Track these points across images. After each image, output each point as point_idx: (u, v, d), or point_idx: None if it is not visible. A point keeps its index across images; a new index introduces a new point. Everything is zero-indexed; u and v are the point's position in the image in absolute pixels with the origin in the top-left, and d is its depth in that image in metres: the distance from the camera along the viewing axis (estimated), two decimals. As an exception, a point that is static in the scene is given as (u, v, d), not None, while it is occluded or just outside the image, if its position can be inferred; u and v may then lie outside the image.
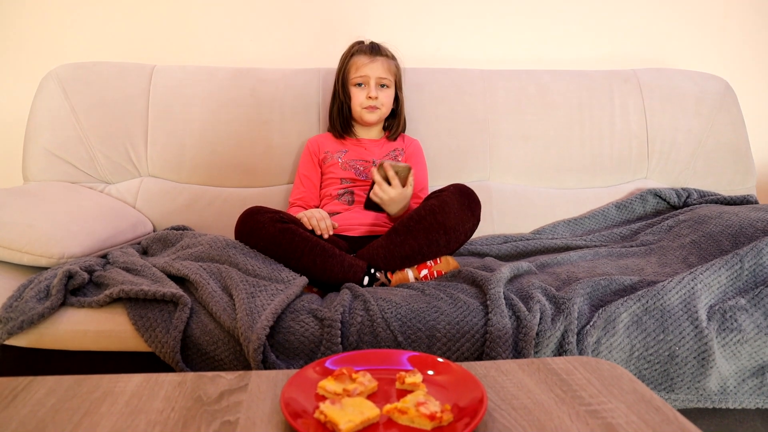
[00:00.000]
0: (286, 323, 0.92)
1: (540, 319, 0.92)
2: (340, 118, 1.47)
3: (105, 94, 1.53)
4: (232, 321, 0.90)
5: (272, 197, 1.55)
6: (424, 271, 1.15)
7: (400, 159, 1.48)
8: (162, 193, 1.53)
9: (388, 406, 0.54)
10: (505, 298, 0.97)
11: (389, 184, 1.22)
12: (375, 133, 1.52)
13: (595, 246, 1.36)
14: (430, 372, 0.62)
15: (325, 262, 1.10)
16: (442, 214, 1.12)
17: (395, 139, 1.51)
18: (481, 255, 1.41)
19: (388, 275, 1.14)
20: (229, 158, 1.55)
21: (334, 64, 1.52)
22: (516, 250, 1.40)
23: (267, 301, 0.94)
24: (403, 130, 1.54)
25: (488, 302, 0.95)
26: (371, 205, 1.26)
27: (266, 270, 1.05)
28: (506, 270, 1.07)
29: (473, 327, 0.92)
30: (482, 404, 0.53)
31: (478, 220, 1.18)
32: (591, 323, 0.91)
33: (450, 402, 0.55)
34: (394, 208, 1.25)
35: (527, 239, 1.45)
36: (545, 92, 1.65)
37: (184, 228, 1.44)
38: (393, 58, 1.46)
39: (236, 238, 1.14)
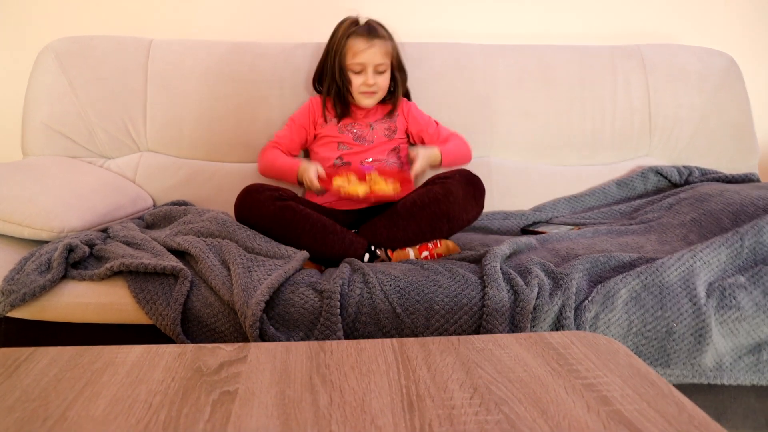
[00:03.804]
0: (286, 296, 0.93)
1: (538, 293, 0.93)
2: (341, 101, 1.44)
3: (103, 68, 1.51)
4: (230, 294, 0.91)
5: (271, 173, 1.54)
6: (425, 253, 1.16)
7: (396, 120, 1.47)
8: (161, 168, 1.52)
9: (369, 182, 1.17)
10: (503, 273, 0.98)
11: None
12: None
13: (595, 223, 1.36)
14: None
15: (325, 239, 1.10)
16: (446, 203, 1.13)
17: (391, 115, 1.50)
18: (483, 231, 1.41)
19: (389, 253, 1.14)
20: (228, 133, 1.54)
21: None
22: (517, 226, 1.41)
23: (264, 275, 0.95)
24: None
25: (485, 276, 0.96)
26: None
27: (266, 246, 1.06)
28: (505, 246, 1.08)
29: (471, 300, 0.92)
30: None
31: (482, 209, 1.19)
32: (589, 298, 0.92)
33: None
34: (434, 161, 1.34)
35: (527, 216, 1.46)
36: (547, 68, 1.63)
37: (185, 203, 1.45)
38: (390, 38, 1.43)
39: (236, 216, 1.15)
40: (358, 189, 1.19)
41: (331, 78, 1.42)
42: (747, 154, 1.66)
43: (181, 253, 1.06)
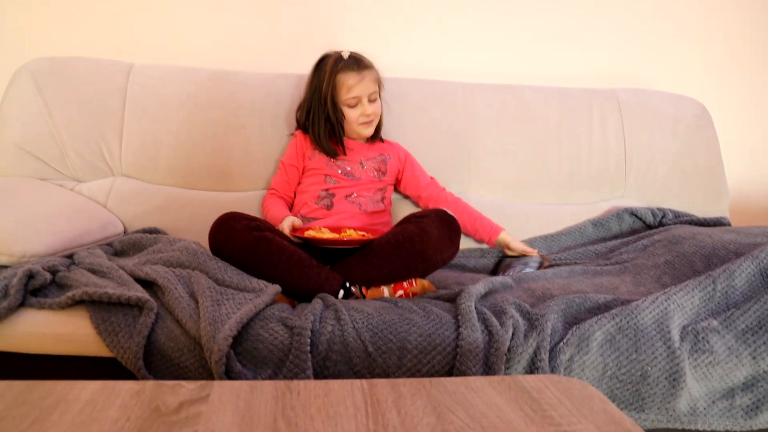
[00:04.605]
0: (255, 331, 0.90)
1: (513, 334, 0.92)
2: (335, 137, 1.43)
3: (80, 90, 1.49)
4: (197, 328, 0.88)
5: (248, 202, 1.53)
6: (400, 292, 1.15)
7: (387, 162, 1.48)
8: (135, 193, 1.50)
9: (342, 233, 1.22)
10: (478, 313, 0.97)
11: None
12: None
13: (571, 263, 1.36)
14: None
15: (301, 272, 1.09)
16: (421, 243, 1.12)
17: (379, 141, 1.52)
18: (459, 269, 1.41)
19: (363, 291, 1.13)
20: (206, 161, 1.53)
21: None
22: (493, 264, 1.40)
23: (233, 309, 0.93)
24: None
25: (459, 316, 0.95)
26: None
27: (237, 279, 1.04)
28: (480, 285, 1.07)
29: (444, 340, 0.91)
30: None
31: (457, 249, 1.19)
32: (564, 340, 0.91)
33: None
34: None
35: (504, 254, 1.45)
36: (526, 107, 1.66)
37: (157, 231, 1.42)
38: (373, 66, 1.44)
39: (210, 245, 1.12)
40: (328, 236, 1.22)
41: (323, 117, 1.42)
42: (717, 197, 1.70)
43: (148, 284, 1.03)
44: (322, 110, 1.41)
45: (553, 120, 1.65)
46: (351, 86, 1.37)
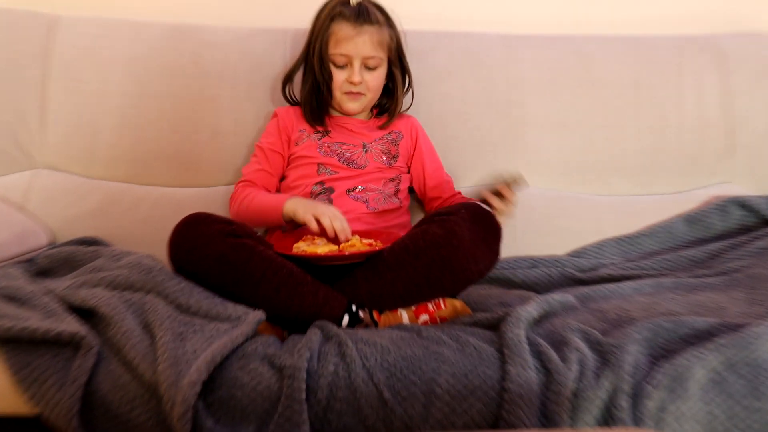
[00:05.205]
0: (232, 373, 0.90)
1: (579, 373, 0.90)
2: (316, 101, 1.46)
3: (-16, 53, 1.52)
4: (153, 372, 0.88)
5: (220, 200, 1.53)
6: (424, 316, 1.14)
7: (398, 143, 1.49)
8: (65, 191, 1.50)
9: (342, 244, 1.21)
10: (530, 344, 0.96)
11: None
12: (362, 114, 1.53)
13: (657, 274, 1.35)
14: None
15: (292, 292, 1.08)
16: (448, 248, 1.10)
17: (387, 126, 1.52)
18: (501, 284, 1.40)
19: (375, 315, 1.12)
20: (162, 146, 1.54)
21: (305, 22, 1.50)
22: (548, 278, 1.39)
23: (202, 345, 0.92)
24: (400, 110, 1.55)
25: (505, 349, 0.94)
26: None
27: (207, 303, 1.04)
28: (533, 306, 1.06)
29: (486, 381, 0.90)
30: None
31: (498, 255, 1.18)
32: (651, 381, 0.89)
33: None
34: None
35: (563, 263, 1.45)
36: (589, 65, 1.65)
37: (96, 242, 1.42)
38: (386, 24, 1.44)
39: (170, 259, 1.12)
40: (324, 250, 1.21)
41: (310, 75, 1.45)
42: None
43: (86, 313, 1.02)
44: (310, 66, 1.44)
45: (627, 81, 1.64)
46: (340, 39, 1.39)
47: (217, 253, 1.08)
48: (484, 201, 1.33)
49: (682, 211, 1.59)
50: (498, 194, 1.34)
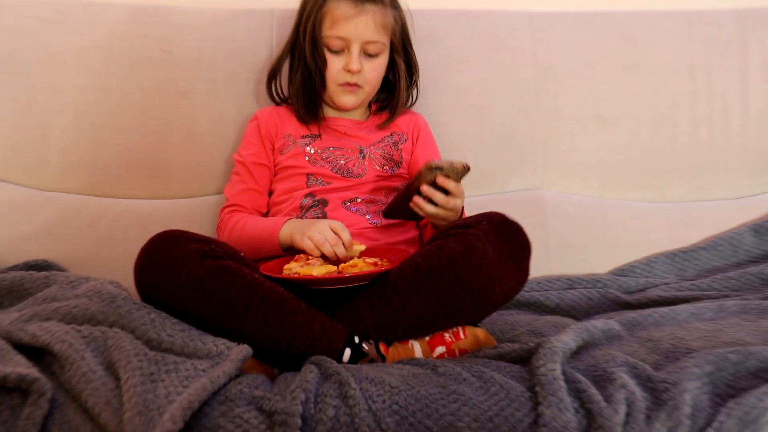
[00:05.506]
0: (213, 421, 0.88)
1: (627, 415, 0.89)
2: (306, 94, 1.46)
3: None
4: (118, 421, 0.87)
5: (196, 214, 1.54)
6: (440, 348, 1.13)
7: (401, 146, 1.49)
8: (9, 206, 1.50)
9: (342, 265, 1.19)
10: (567, 381, 0.94)
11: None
12: (358, 112, 1.52)
13: (719, 296, 1.34)
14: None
15: (283, 322, 1.07)
16: (467, 267, 1.09)
17: (388, 124, 1.52)
18: (531, 308, 1.40)
19: (382, 348, 1.12)
20: (125, 151, 1.54)
21: (293, 1, 1.49)
22: (587, 300, 1.39)
23: (177, 388, 0.91)
24: (406, 107, 1.54)
25: (538, 387, 0.93)
26: (394, 212, 1.34)
27: (182, 337, 1.03)
28: (569, 335, 1.04)
29: (515, 426, 0.89)
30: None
31: (526, 276, 1.16)
32: (715, 425, 0.89)
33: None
34: (441, 222, 1.30)
35: (605, 284, 1.44)
36: (632, 47, 1.65)
37: (48, 266, 1.42)
38: (392, 5, 1.45)
39: (138, 285, 1.11)
40: (320, 271, 1.19)
41: (301, 62, 1.44)
42: None
43: (37, 352, 1.01)
44: (300, 53, 1.44)
45: (680, 64, 1.64)
46: (337, 19, 1.38)
47: (194, 278, 1.07)
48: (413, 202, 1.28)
49: (748, 220, 1.59)
50: (435, 189, 1.26)
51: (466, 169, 1.27)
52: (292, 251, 1.29)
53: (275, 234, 1.29)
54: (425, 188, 1.25)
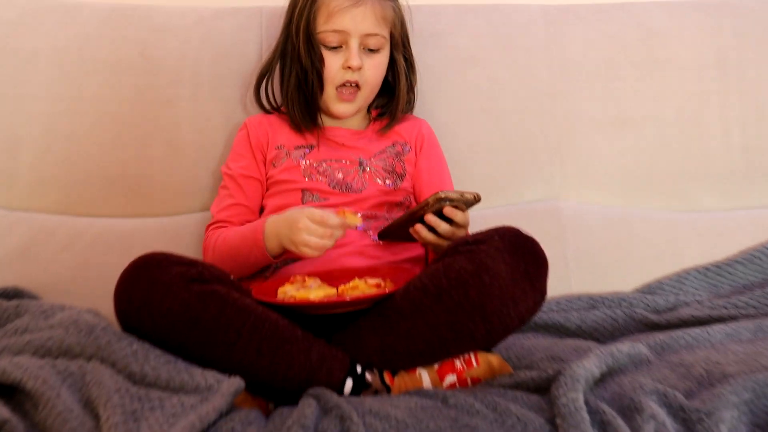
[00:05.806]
0: (202, 463, 0.89)
1: (657, 449, 0.89)
2: (302, 97, 1.46)
3: None
4: (98, 466, 0.87)
5: (180, 233, 1.54)
6: (451, 377, 1.13)
7: (404, 158, 1.49)
8: (-26, 226, 1.50)
9: (341, 287, 1.20)
10: (591, 412, 0.94)
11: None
12: (356, 120, 1.53)
13: (757, 315, 1.34)
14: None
15: (277, 352, 1.07)
16: (479, 287, 1.09)
17: (389, 131, 1.52)
18: (550, 331, 1.40)
19: (387, 378, 1.12)
20: (103, 165, 1.54)
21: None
22: (611, 322, 1.39)
23: (163, 426, 0.90)
24: (405, 112, 1.54)
25: (558, 419, 0.92)
26: (389, 236, 1.37)
27: (167, 370, 1.03)
28: (592, 361, 1.04)
29: (534, 462, 0.89)
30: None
31: (543, 296, 1.16)
32: (754, 459, 0.88)
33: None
34: (440, 249, 1.28)
35: (630, 303, 1.44)
36: (656, 42, 1.66)
37: (19, 294, 1.42)
38: None
39: (119, 313, 1.11)
40: (318, 294, 1.18)
41: (295, 62, 1.44)
42: None
43: (8, 389, 1.00)
44: (293, 52, 1.44)
45: (708, 59, 1.65)
46: (333, 11, 1.39)
47: (179, 304, 1.07)
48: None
49: (790, 233, 1.59)
50: (441, 218, 1.28)
51: (476, 200, 1.27)
52: (282, 260, 1.32)
53: (259, 239, 1.28)
54: (430, 218, 1.26)
